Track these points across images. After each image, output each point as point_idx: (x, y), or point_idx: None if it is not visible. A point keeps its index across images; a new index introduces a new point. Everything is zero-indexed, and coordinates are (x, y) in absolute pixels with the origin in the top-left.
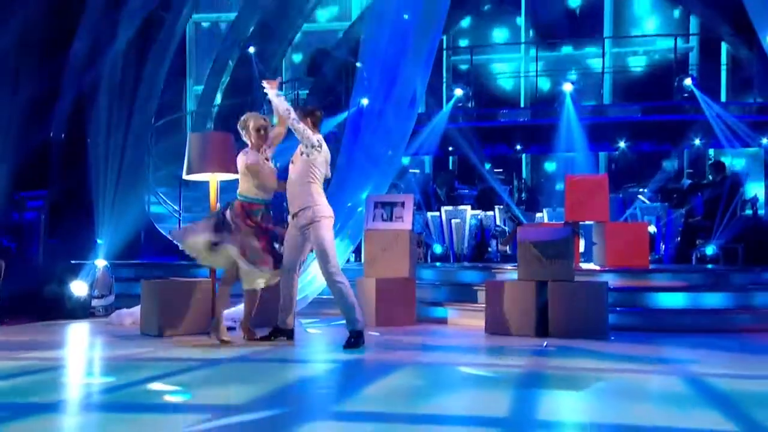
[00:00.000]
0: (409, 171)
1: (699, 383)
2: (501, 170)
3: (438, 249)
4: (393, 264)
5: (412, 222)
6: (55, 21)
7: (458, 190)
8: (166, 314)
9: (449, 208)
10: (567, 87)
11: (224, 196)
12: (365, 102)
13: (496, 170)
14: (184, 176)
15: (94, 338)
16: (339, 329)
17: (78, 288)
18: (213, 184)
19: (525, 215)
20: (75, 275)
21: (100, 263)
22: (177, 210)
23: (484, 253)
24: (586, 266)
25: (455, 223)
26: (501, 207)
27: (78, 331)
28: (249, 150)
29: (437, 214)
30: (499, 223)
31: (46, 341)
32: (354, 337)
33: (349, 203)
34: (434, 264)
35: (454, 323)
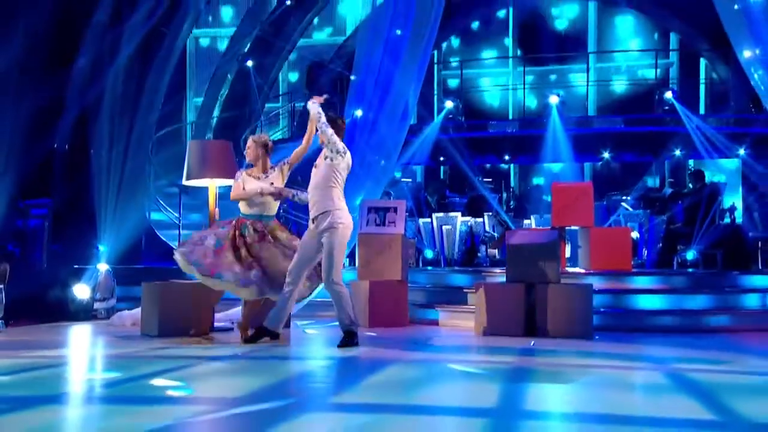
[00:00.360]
0: (402, 180)
1: (679, 378)
2: (490, 179)
3: (429, 254)
4: (386, 267)
5: (405, 227)
6: (60, 36)
7: (449, 198)
8: (166, 315)
9: (440, 215)
10: (553, 99)
11: (222, 203)
12: (359, 113)
13: (486, 179)
14: (184, 182)
15: (96, 338)
16: (334, 330)
17: (80, 291)
18: (212, 190)
19: (513, 222)
20: (77, 279)
21: (102, 267)
22: (177, 217)
23: (474, 258)
24: (572, 269)
25: (446, 230)
26: (490, 214)
27: (80, 332)
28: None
29: (429, 221)
30: (488, 229)
31: (50, 341)
32: (349, 337)
33: None
34: (426, 268)
35: (445, 324)
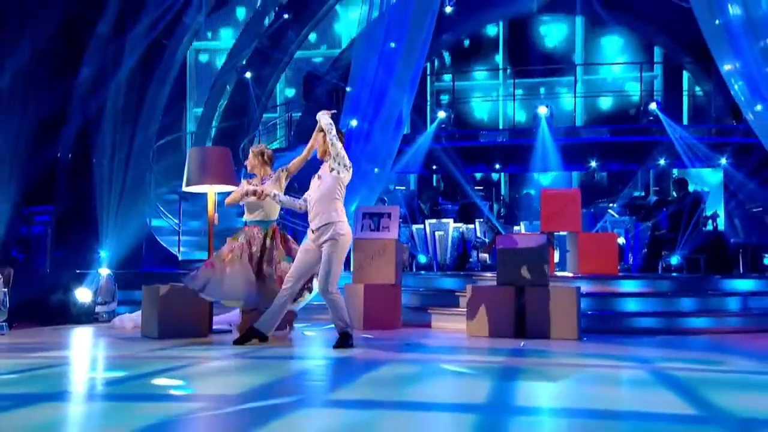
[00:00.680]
0: (396, 188)
1: (663, 376)
2: (481, 187)
3: (422, 259)
4: (380, 271)
5: (398, 232)
6: (64, 48)
7: (441, 205)
8: (166, 318)
9: (433, 221)
10: (542, 110)
11: (221, 209)
12: (354, 123)
13: (477, 187)
14: (184, 188)
15: (98, 340)
16: (331, 332)
17: (82, 295)
18: (211, 196)
19: (504, 228)
20: (80, 283)
21: (104, 272)
22: (177, 223)
23: (466, 263)
24: (561, 273)
25: (438, 235)
26: (481, 220)
27: (82, 335)
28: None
29: (422, 227)
30: (480, 235)
31: (52, 343)
32: (344, 338)
33: None
34: (419, 272)
35: (438, 326)
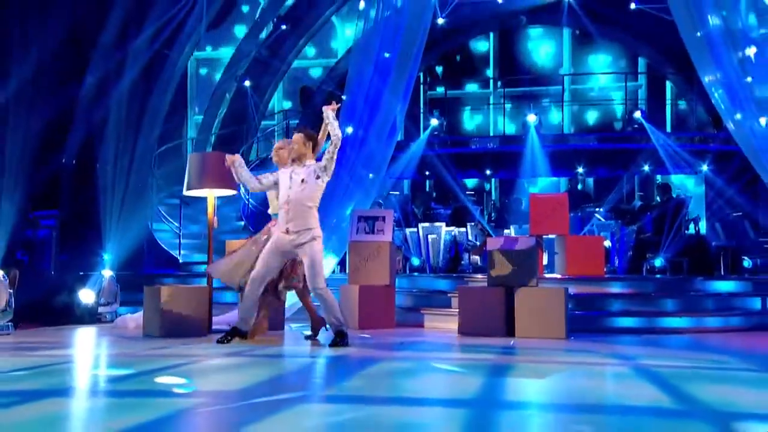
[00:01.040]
0: (390, 192)
1: (646, 372)
2: (473, 192)
3: (416, 261)
4: (374, 273)
5: (392, 235)
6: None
7: (434, 209)
8: (167, 317)
9: (426, 225)
10: (531, 118)
11: (221, 213)
12: (350, 130)
13: (468, 192)
14: (184, 192)
15: (101, 339)
16: (327, 332)
17: (86, 296)
18: (210, 200)
19: (495, 231)
20: (83, 284)
21: (107, 273)
22: (177, 227)
23: (458, 265)
24: (549, 275)
25: (431, 239)
26: (473, 224)
27: (86, 334)
28: None
29: (415, 230)
30: (471, 238)
31: (57, 342)
32: (339, 337)
33: (334, 220)
34: (412, 274)
35: (430, 326)
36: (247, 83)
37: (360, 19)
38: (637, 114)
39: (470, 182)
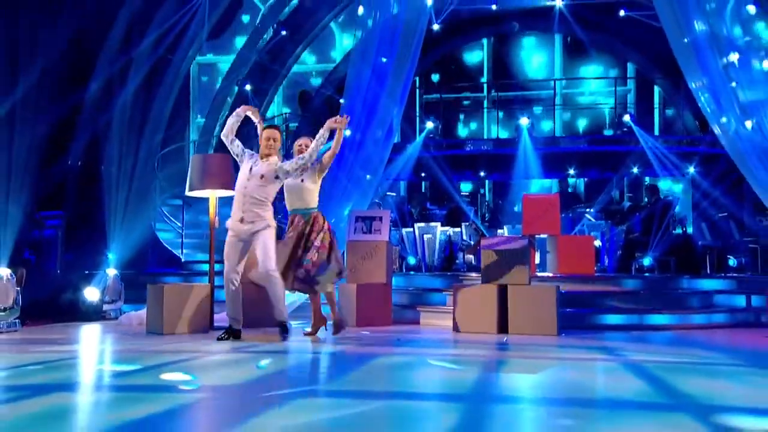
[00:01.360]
0: (387, 193)
1: (635, 367)
2: (467, 193)
3: (412, 260)
4: (372, 271)
5: (389, 235)
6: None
7: (430, 210)
8: (170, 315)
9: (422, 225)
10: (524, 121)
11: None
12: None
13: (463, 193)
14: (187, 193)
15: (106, 336)
16: (326, 332)
17: (91, 294)
18: (212, 201)
19: (488, 231)
20: (88, 283)
21: (111, 272)
22: (180, 226)
23: (452, 264)
24: (541, 273)
25: (427, 238)
26: (467, 224)
27: (91, 331)
28: None
29: (411, 230)
30: (466, 238)
31: (63, 338)
32: (281, 328)
33: (332, 219)
34: (408, 273)
35: (426, 323)
36: (248, 87)
37: (358, 30)
38: (626, 117)
39: (465, 186)
